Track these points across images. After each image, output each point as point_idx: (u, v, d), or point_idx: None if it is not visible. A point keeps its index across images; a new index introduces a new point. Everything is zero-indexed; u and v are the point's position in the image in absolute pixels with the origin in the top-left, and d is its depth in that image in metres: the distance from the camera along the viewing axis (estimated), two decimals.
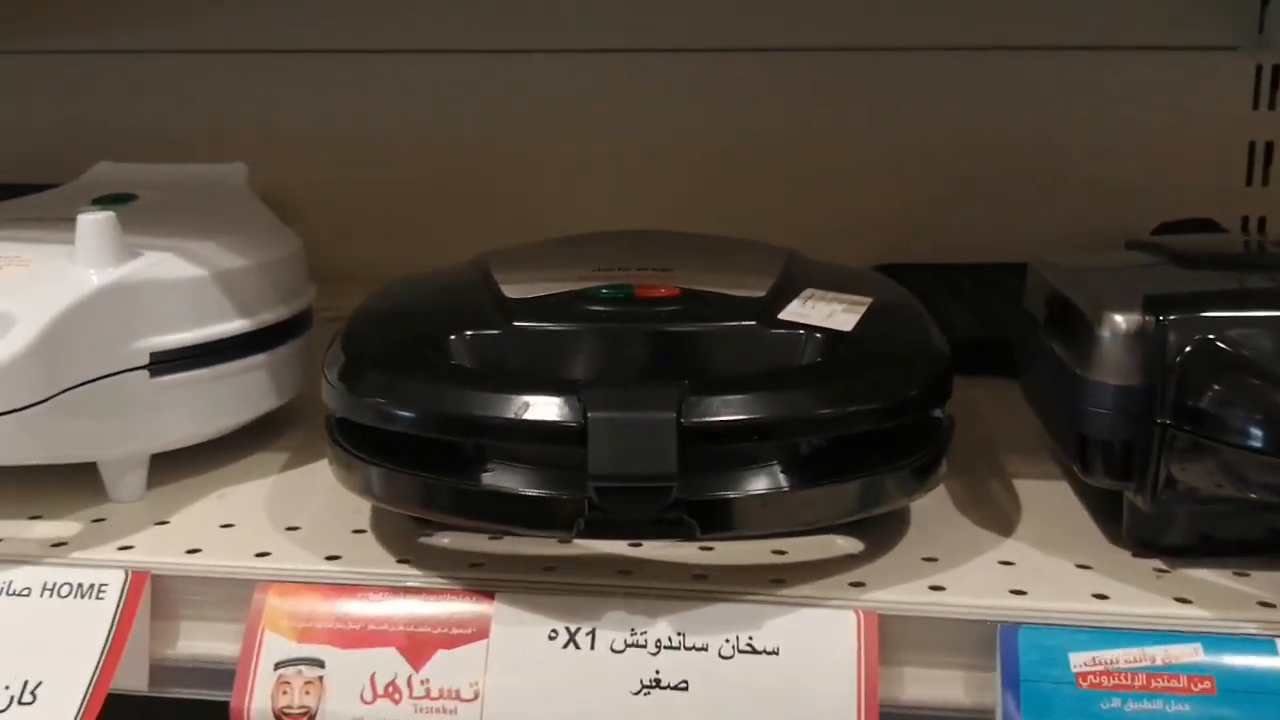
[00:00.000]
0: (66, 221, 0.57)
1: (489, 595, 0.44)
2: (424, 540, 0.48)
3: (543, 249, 0.57)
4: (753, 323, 0.45)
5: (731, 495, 0.41)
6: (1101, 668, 0.39)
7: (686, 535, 0.40)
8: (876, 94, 0.87)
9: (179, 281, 0.51)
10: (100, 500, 0.52)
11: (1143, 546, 0.45)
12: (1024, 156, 0.87)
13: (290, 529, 0.49)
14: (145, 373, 0.50)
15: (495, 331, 0.46)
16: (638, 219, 0.65)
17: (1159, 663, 0.39)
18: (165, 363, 0.51)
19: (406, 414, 0.41)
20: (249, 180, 0.68)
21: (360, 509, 0.51)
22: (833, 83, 0.87)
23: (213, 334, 0.52)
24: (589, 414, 0.39)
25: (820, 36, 0.87)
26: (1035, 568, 0.44)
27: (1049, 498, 0.51)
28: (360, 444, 0.45)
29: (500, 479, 0.42)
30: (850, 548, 0.46)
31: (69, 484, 0.52)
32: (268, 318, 0.55)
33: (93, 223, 0.50)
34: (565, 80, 0.90)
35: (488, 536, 0.48)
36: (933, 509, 0.49)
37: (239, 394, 0.55)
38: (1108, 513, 0.48)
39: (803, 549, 0.46)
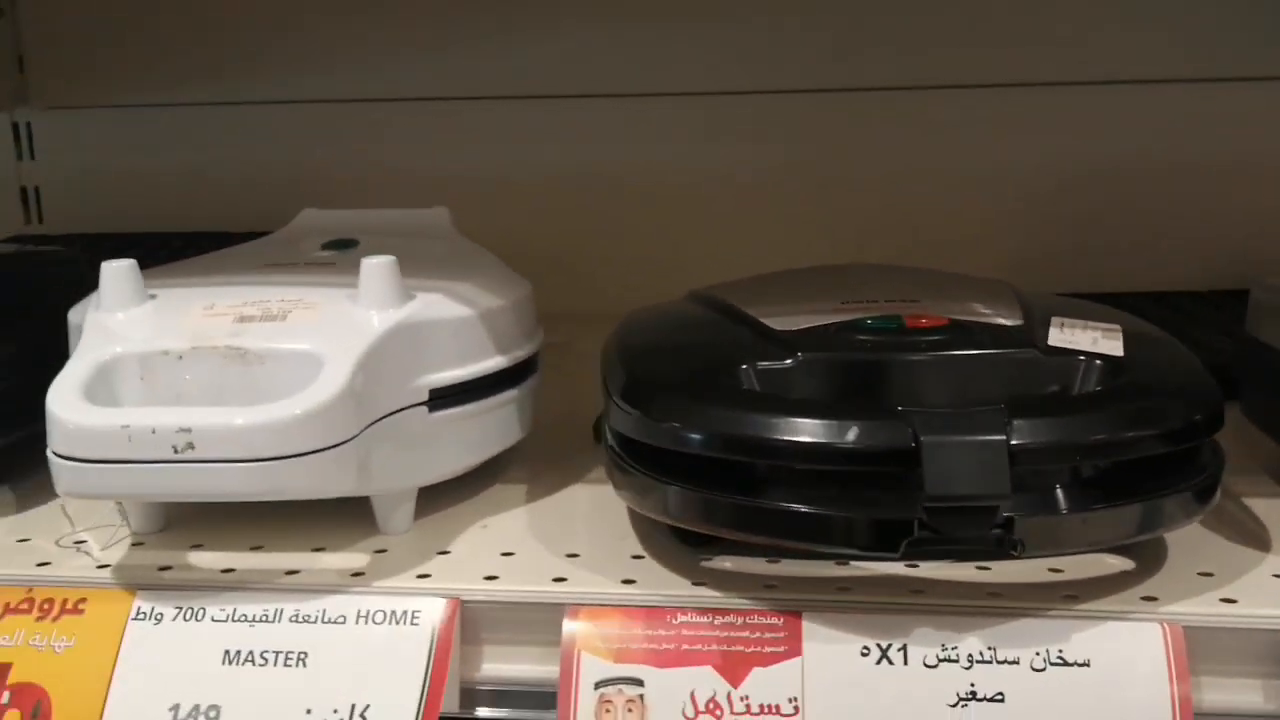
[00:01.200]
0: (320, 265, 0.60)
1: (796, 614, 0.46)
2: (706, 565, 0.50)
3: (773, 284, 0.59)
4: (1034, 349, 0.48)
5: (1058, 514, 0.43)
6: None
7: (1013, 553, 0.42)
8: (1001, 126, 0.91)
9: (452, 321, 0.54)
10: (370, 533, 0.54)
11: None
12: (1146, 187, 0.90)
13: (570, 555, 0.51)
14: (425, 408, 0.53)
15: (786, 363, 0.48)
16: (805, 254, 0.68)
17: None
18: (442, 399, 0.53)
19: (741, 440, 0.43)
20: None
21: (627, 535, 0.53)
22: (953, 117, 0.90)
23: (480, 370, 0.55)
24: (921, 438, 0.41)
25: (938, 74, 0.91)
26: None
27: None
28: (657, 470, 0.47)
29: (821, 501, 0.44)
30: (1124, 565, 0.48)
31: (336, 518, 0.55)
32: (520, 354, 0.58)
33: (378, 266, 0.52)
34: (702, 122, 0.93)
35: (766, 560, 0.50)
36: (1185, 530, 0.51)
37: (497, 428, 0.57)
38: None
39: (1077, 568, 0.48)
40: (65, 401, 0.47)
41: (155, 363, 0.50)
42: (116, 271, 0.53)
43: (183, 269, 0.62)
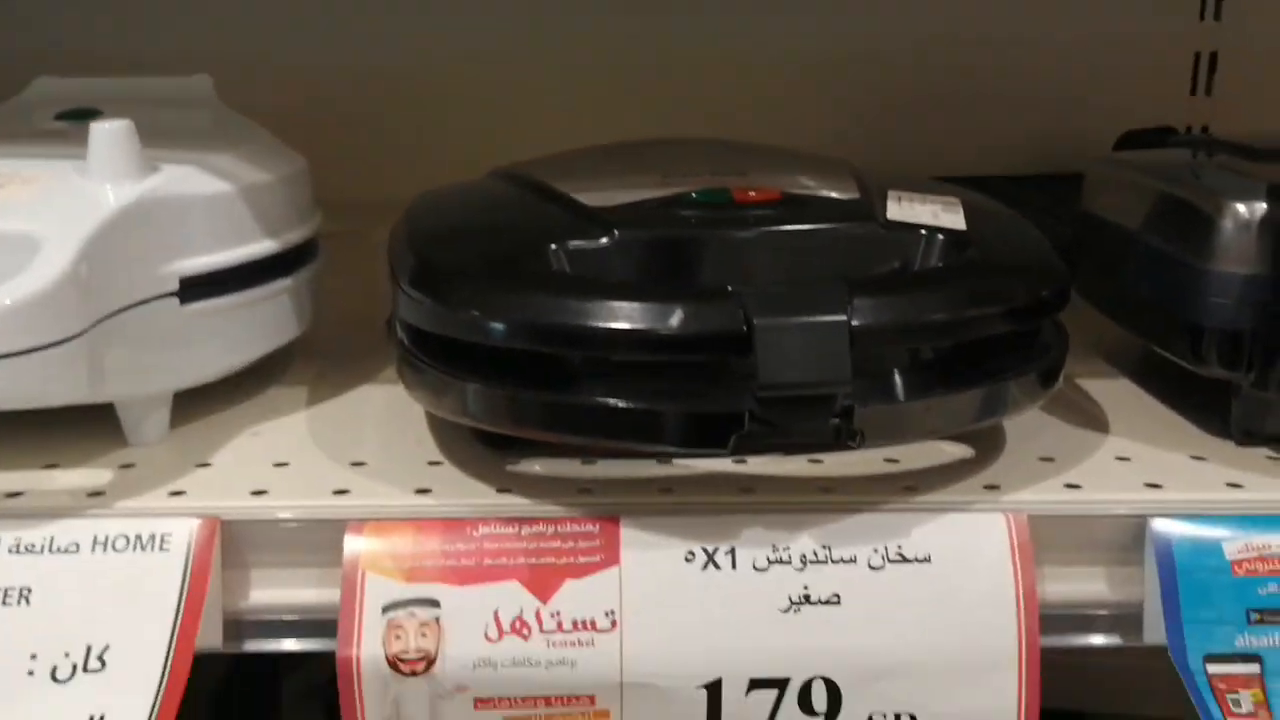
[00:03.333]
0: (50, 135, 0.51)
1: (613, 520, 0.41)
2: (513, 469, 0.44)
3: (587, 158, 0.53)
4: (872, 223, 0.43)
5: (900, 402, 0.39)
6: (1255, 554, 0.39)
7: (851, 444, 0.37)
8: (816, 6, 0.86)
9: (206, 197, 0.46)
10: (118, 445, 0.46)
11: (1247, 436, 0.45)
12: (970, 69, 0.87)
13: (356, 464, 0.45)
14: (175, 300, 0.45)
15: (601, 241, 0.42)
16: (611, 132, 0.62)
17: None
18: (196, 287, 0.45)
19: (550, 328, 0.37)
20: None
21: (423, 440, 0.47)
22: None
23: (242, 256, 0.47)
24: (754, 320, 0.36)
25: None
26: (1153, 461, 0.44)
27: (1123, 397, 0.51)
28: (454, 365, 0.41)
29: (642, 395, 0.38)
30: (963, 454, 0.45)
31: (74, 429, 0.47)
32: (291, 238, 0.50)
33: (108, 133, 0.44)
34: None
35: (580, 462, 0.45)
36: (1022, 415, 0.48)
37: (266, 322, 0.49)
38: (1192, 405, 0.48)
39: (914, 457, 0.45)
40: None
41: None
42: None
43: None
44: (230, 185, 0.47)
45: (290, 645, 0.41)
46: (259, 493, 0.42)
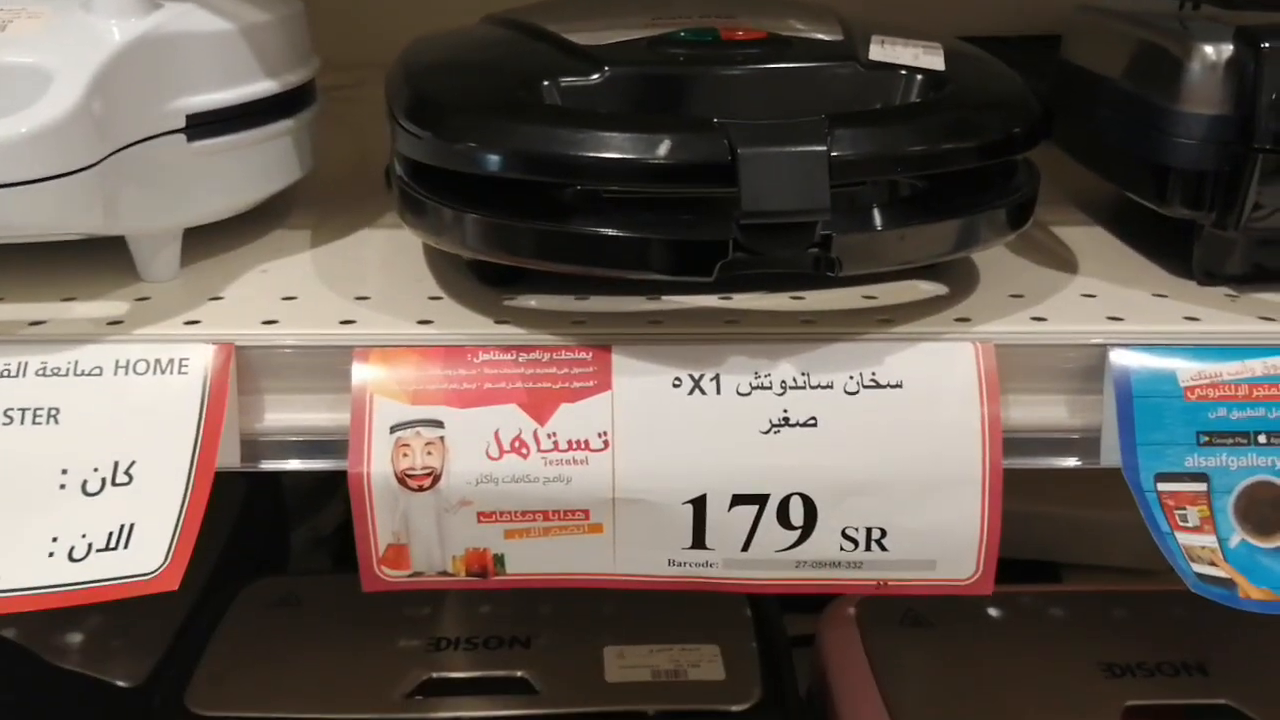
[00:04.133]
0: None
1: (605, 349, 0.43)
2: (510, 304, 0.46)
3: (580, 2, 0.54)
4: (855, 62, 0.45)
5: (875, 231, 0.41)
6: (1207, 381, 0.42)
7: (829, 273, 0.40)
8: None
9: (210, 35, 0.47)
10: (130, 280, 0.48)
11: (1208, 276, 0.47)
12: None
13: (360, 298, 0.47)
14: (183, 137, 0.46)
15: (593, 78, 0.44)
16: None
17: (1260, 373, 0.42)
18: (202, 125, 0.47)
19: (547, 158, 0.39)
20: None
21: (423, 278, 0.49)
22: None
23: (246, 94, 0.48)
24: (739, 150, 0.38)
25: None
26: (1116, 298, 0.47)
27: (1094, 242, 0.53)
28: (452, 198, 0.43)
29: (631, 224, 0.40)
30: (937, 290, 0.47)
31: (88, 264, 0.49)
32: (292, 80, 0.51)
33: None
34: None
35: (574, 298, 0.47)
36: (993, 255, 0.51)
37: (269, 163, 0.51)
38: (1159, 249, 0.50)
39: (890, 294, 0.47)
40: None
41: None
42: None
43: None
44: (231, 24, 0.48)
45: (300, 465, 0.44)
46: (270, 322, 0.45)
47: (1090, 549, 0.79)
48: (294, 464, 0.44)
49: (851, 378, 0.43)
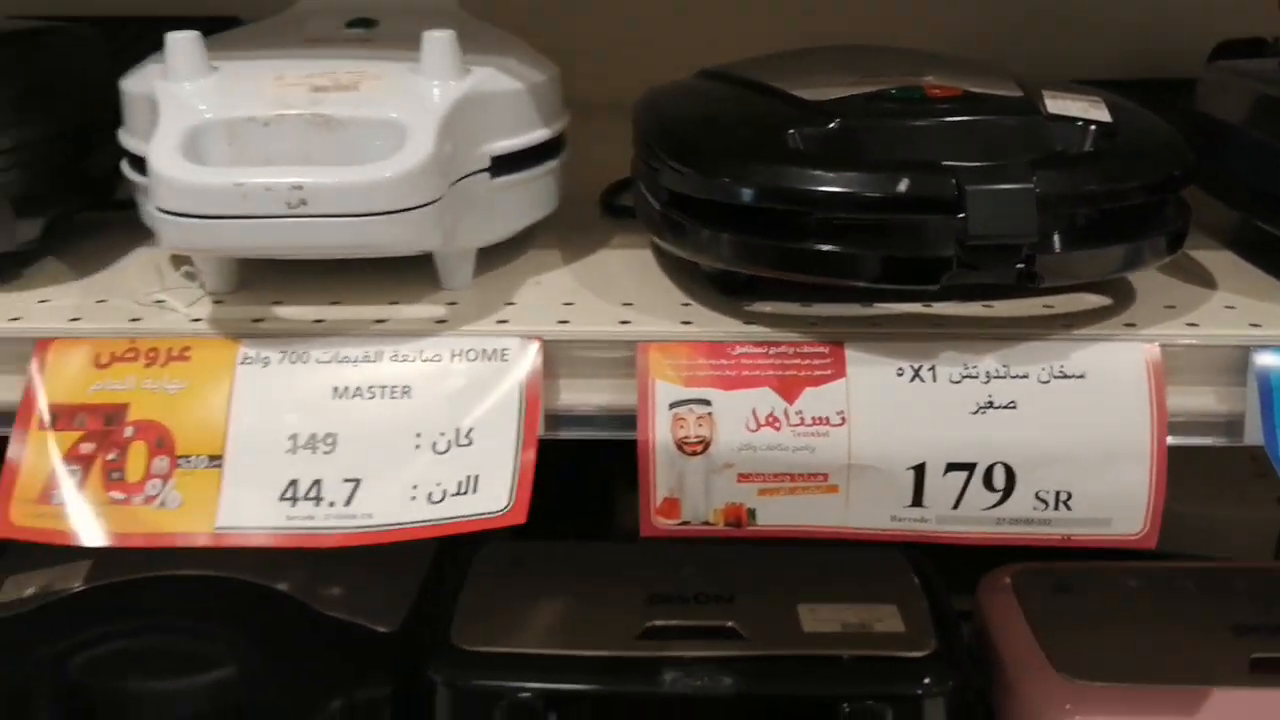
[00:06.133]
0: (357, 43, 0.63)
1: (839, 344, 0.54)
2: (749, 309, 0.57)
3: (785, 61, 0.65)
4: (1039, 115, 0.55)
5: (1066, 252, 0.51)
6: None
7: (1031, 285, 0.50)
8: None
9: (508, 93, 0.58)
10: (433, 289, 0.59)
11: None
12: None
13: (625, 304, 0.58)
14: (487, 174, 0.58)
15: (829, 127, 0.54)
16: None
17: None
18: (501, 164, 0.58)
19: (807, 194, 0.50)
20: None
21: (670, 290, 0.60)
22: None
23: (532, 139, 0.60)
24: (966, 187, 0.48)
25: None
26: (1254, 309, 0.56)
27: (1227, 265, 0.62)
28: (721, 225, 0.54)
29: (872, 245, 0.51)
30: (1102, 301, 0.57)
31: (398, 278, 0.60)
32: (558, 126, 0.62)
33: (440, 40, 0.56)
34: None
35: (800, 304, 0.57)
36: (1144, 274, 0.60)
37: (543, 194, 0.62)
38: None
39: (1065, 304, 0.57)
40: (171, 161, 0.51)
41: (242, 129, 0.54)
42: (183, 42, 0.56)
43: (220, 43, 0.64)
44: (521, 83, 0.59)
45: (591, 434, 0.55)
46: (563, 322, 0.56)
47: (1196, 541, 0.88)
48: (589, 434, 0.55)
49: (1043, 369, 0.53)
